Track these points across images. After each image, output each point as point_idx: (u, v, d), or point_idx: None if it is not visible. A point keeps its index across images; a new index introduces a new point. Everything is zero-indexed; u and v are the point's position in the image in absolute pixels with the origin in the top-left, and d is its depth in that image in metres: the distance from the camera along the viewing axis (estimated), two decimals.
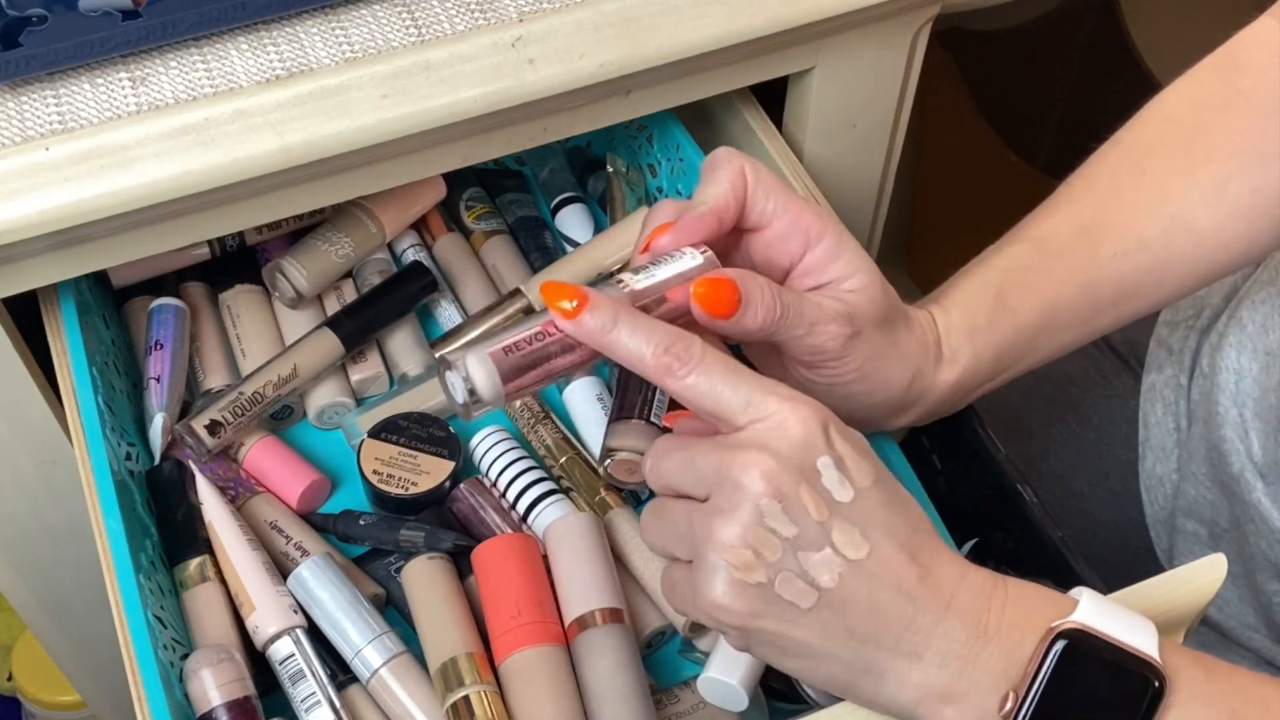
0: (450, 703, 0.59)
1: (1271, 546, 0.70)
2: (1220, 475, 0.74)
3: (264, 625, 0.63)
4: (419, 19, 0.66)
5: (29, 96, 0.62)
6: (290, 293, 0.78)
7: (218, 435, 0.70)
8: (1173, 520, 0.80)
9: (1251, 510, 0.71)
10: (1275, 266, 0.74)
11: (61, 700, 1.17)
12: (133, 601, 0.58)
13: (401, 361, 0.78)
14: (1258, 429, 0.70)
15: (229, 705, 0.58)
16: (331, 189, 0.68)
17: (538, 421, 0.74)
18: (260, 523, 0.69)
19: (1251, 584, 0.73)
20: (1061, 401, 0.86)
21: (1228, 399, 0.73)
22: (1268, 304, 0.73)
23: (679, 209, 0.57)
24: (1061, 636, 0.45)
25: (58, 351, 0.69)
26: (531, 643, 0.61)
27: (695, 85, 0.74)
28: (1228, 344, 0.74)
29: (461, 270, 0.84)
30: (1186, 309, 0.79)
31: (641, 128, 0.86)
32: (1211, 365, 0.76)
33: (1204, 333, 0.78)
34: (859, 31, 0.76)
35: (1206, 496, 0.76)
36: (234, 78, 0.63)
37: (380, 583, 0.68)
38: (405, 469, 0.70)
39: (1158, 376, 0.81)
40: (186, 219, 0.66)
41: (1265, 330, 0.72)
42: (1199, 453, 0.76)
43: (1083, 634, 0.45)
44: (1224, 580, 0.51)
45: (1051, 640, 0.45)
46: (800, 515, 0.46)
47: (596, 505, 0.69)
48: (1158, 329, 0.81)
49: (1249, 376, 0.72)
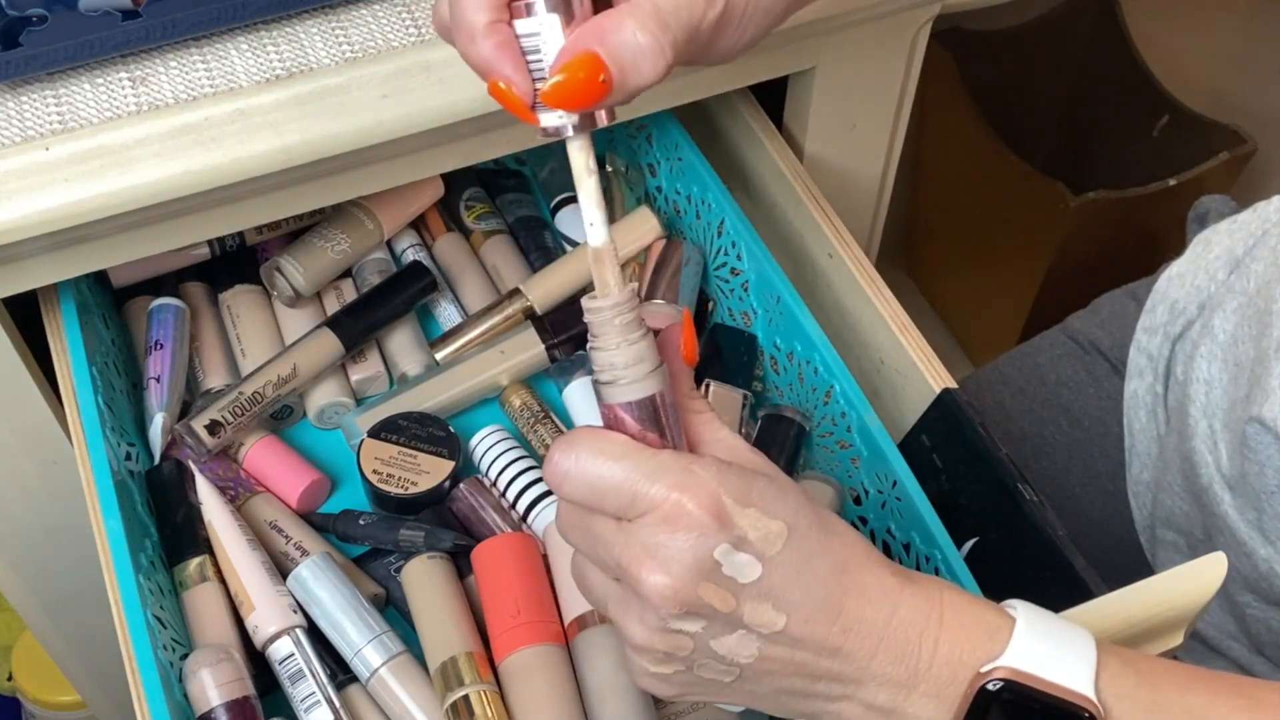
0: (450, 702, 0.59)
1: (1240, 558, 0.70)
2: (1192, 486, 0.74)
3: (264, 625, 0.63)
4: (419, 19, 0.66)
5: (29, 96, 0.62)
6: (288, 291, 0.78)
7: (218, 435, 0.70)
8: (1154, 528, 0.80)
9: (1220, 522, 0.70)
10: (1248, 275, 0.73)
11: (61, 700, 1.17)
12: (132, 601, 0.58)
13: (401, 361, 0.78)
14: (1226, 441, 0.70)
15: (229, 705, 0.58)
16: (331, 189, 0.68)
17: (537, 421, 0.74)
18: (260, 523, 0.69)
19: (1225, 594, 0.73)
20: (1053, 404, 0.86)
21: (1198, 410, 0.72)
22: (1238, 314, 0.72)
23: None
24: (990, 684, 0.44)
25: (58, 351, 0.69)
26: (531, 642, 0.61)
27: (695, 85, 0.74)
28: (1200, 353, 0.74)
29: (461, 270, 0.84)
30: (1163, 315, 0.79)
31: (641, 127, 0.86)
32: (1185, 374, 0.75)
33: (1178, 340, 0.78)
34: (859, 31, 0.76)
35: (1181, 507, 0.76)
36: (234, 78, 0.63)
37: (380, 583, 0.68)
38: (405, 469, 0.70)
39: (1139, 383, 0.81)
40: (186, 219, 0.66)
41: (1235, 341, 0.71)
42: (1174, 463, 0.76)
43: (1011, 681, 0.44)
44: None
45: (979, 692, 0.44)
46: (706, 612, 0.44)
47: None
48: (1137, 334, 0.81)
49: (1219, 387, 0.72)
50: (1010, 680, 0.44)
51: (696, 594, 0.44)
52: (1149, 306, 0.81)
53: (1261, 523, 0.68)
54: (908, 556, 0.65)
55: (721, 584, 0.44)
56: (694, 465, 0.44)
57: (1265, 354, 0.67)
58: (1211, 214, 0.87)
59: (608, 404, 0.47)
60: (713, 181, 0.78)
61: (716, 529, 0.44)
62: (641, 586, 0.44)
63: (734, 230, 0.76)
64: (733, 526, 0.44)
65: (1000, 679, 0.44)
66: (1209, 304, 0.76)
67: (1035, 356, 0.89)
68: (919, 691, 0.45)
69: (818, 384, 0.72)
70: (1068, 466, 0.85)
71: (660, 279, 0.77)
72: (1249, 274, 0.73)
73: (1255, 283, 0.72)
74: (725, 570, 0.44)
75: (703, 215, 0.80)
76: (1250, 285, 0.72)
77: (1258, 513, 0.67)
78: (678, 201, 0.84)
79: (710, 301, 0.81)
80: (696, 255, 0.79)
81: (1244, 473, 0.67)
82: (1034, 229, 1.38)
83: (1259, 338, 0.68)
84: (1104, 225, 1.36)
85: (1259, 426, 0.65)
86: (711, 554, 0.44)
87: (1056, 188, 1.32)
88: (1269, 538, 0.68)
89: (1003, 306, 1.49)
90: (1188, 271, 0.79)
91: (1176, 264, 0.81)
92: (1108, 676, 0.44)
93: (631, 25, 0.44)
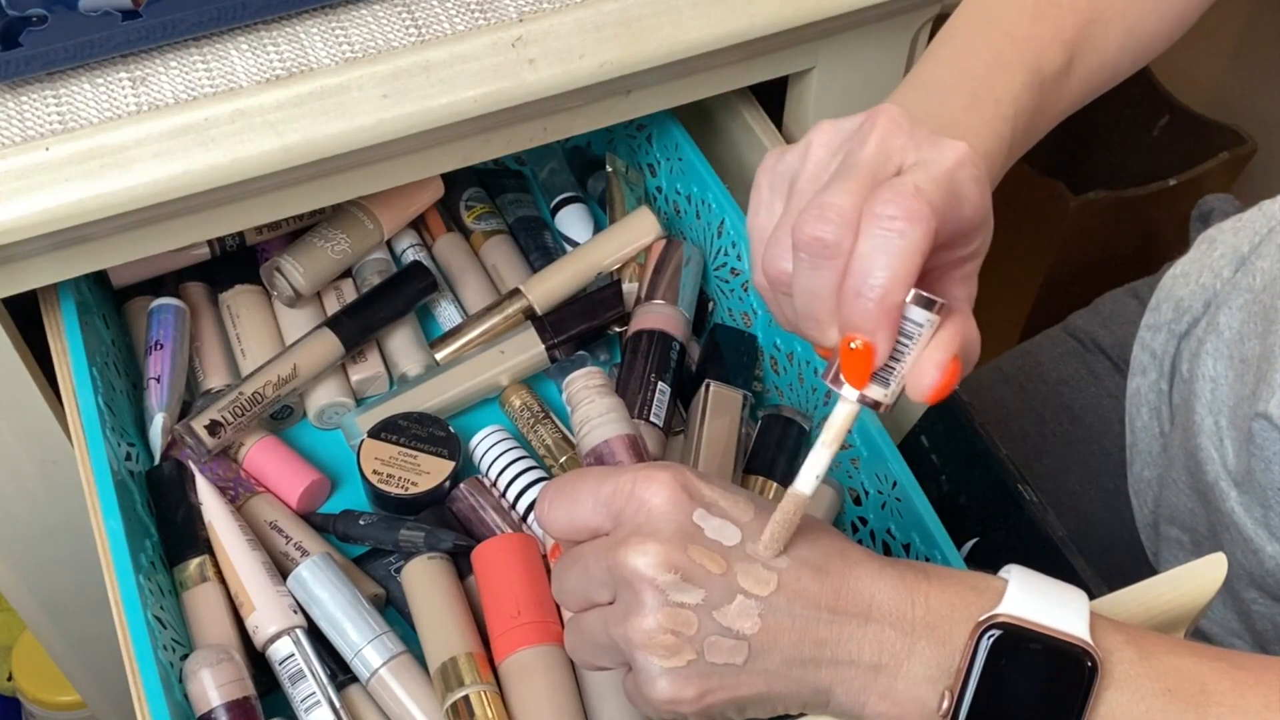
0: (450, 702, 0.59)
1: (1246, 555, 0.70)
2: (1197, 483, 0.74)
3: (264, 625, 0.63)
4: (419, 19, 0.66)
5: (29, 96, 0.62)
6: (288, 291, 0.78)
7: (218, 435, 0.70)
8: (1157, 526, 0.80)
9: (1226, 519, 0.71)
10: (1253, 272, 0.73)
11: (61, 700, 1.17)
12: (133, 602, 0.58)
13: (401, 361, 0.78)
14: (1232, 437, 0.70)
15: (229, 705, 0.58)
16: (331, 189, 0.68)
17: (537, 421, 0.74)
18: (260, 523, 0.69)
19: (1230, 590, 0.73)
20: (1054, 402, 0.86)
21: (1204, 407, 0.73)
22: (1244, 310, 0.72)
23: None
24: (990, 630, 0.45)
25: (58, 351, 0.69)
26: (531, 642, 0.61)
27: (695, 85, 0.74)
28: (1205, 350, 0.74)
29: (461, 270, 0.84)
30: (1168, 312, 0.79)
31: (641, 127, 0.86)
32: (1190, 371, 0.75)
33: (1184, 337, 0.78)
34: (859, 31, 0.76)
35: (1186, 504, 0.76)
36: (234, 78, 0.63)
37: (380, 583, 0.68)
38: (405, 469, 0.70)
39: (1142, 380, 0.81)
40: (186, 219, 0.66)
41: (1241, 338, 0.71)
42: (1179, 460, 0.76)
43: (1011, 625, 0.45)
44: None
45: (979, 636, 0.45)
46: (701, 576, 0.46)
47: None
48: (1140, 332, 0.81)
49: (1224, 384, 0.72)
50: (1010, 625, 0.45)
51: (687, 556, 0.46)
52: (1153, 304, 0.81)
53: (1268, 519, 0.68)
54: (907, 557, 0.65)
55: (709, 546, 0.46)
56: (651, 463, 0.49)
57: (1271, 350, 0.67)
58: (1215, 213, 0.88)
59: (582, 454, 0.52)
60: (713, 181, 0.78)
61: (687, 496, 0.47)
62: (634, 564, 0.46)
63: (734, 230, 0.76)
64: (700, 495, 0.47)
65: (1000, 625, 0.45)
66: (1214, 301, 0.76)
67: (1036, 355, 0.89)
68: (919, 648, 0.46)
69: (818, 384, 0.72)
70: (1068, 465, 0.85)
71: (660, 279, 0.77)
72: (1255, 271, 0.73)
73: (1261, 280, 0.72)
74: (708, 534, 0.47)
75: (703, 215, 0.80)
76: (1256, 282, 0.72)
77: (1264, 509, 0.68)
78: (678, 201, 0.84)
79: (710, 301, 0.81)
80: (696, 255, 0.79)
81: (1250, 469, 0.68)
82: (1034, 229, 1.38)
83: (1265, 334, 0.69)
84: (1104, 225, 1.36)
85: (1265, 423, 0.65)
86: (690, 517, 0.47)
87: (1056, 187, 1.32)
88: (1275, 534, 0.68)
89: (1002, 306, 1.49)
90: (1192, 269, 0.79)
91: (1181, 262, 0.81)
92: (1102, 629, 0.46)
93: (973, 324, 0.48)
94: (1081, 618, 0.46)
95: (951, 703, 0.45)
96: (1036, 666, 0.45)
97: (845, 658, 0.46)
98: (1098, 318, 0.88)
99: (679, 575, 0.45)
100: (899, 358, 0.46)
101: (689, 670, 0.46)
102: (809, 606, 0.46)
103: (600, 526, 0.48)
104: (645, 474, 0.48)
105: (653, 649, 0.46)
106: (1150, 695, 0.45)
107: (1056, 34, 0.59)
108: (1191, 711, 0.45)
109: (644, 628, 0.46)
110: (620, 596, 0.47)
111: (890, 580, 0.47)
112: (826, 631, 0.46)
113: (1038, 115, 0.58)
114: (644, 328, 0.75)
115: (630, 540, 0.46)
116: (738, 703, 0.47)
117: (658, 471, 0.48)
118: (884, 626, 0.46)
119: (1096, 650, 0.45)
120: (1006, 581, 0.47)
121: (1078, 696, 0.45)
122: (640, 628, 0.46)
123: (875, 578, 0.47)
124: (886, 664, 0.46)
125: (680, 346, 0.75)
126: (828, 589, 0.46)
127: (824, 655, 0.46)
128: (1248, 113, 1.42)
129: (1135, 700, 0.45)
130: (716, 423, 0.71)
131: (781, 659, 0.46)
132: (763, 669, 0.46)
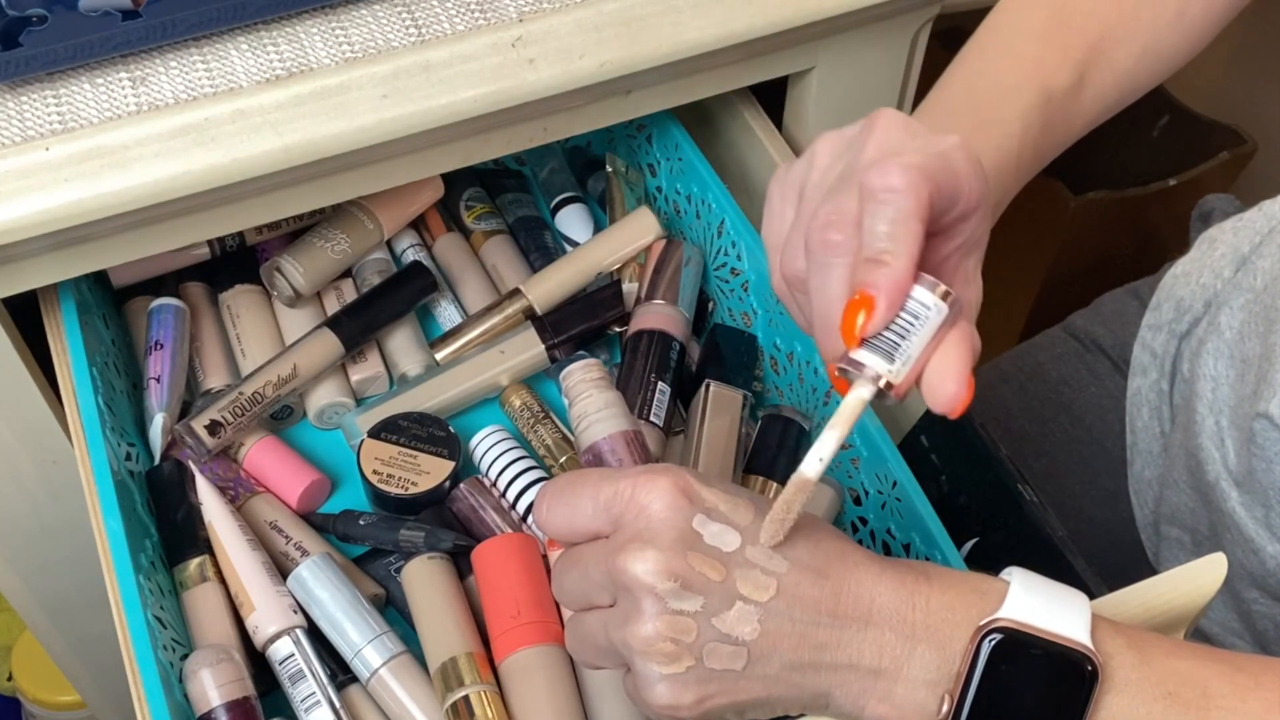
0: (450, 702, 0.59)
1: (1247, 555, 0.70)
2: (1198, 483, 0.74)
3: (264, 625, 0.63)
4: (419, 19, 0.66)
5: (29, 96, 0.62)
6: (288, 291, 0.78)
7: (218, 435, 0.70)
8: (1158, 526, 0.80)
9: (1227, 519, 0.71)
10: (1254, 272, 0.73)
11: (61, 700, 1.17)
12: (133, 601, 0.58)
13: (401, 361, 0.78)
14: (1233, 437, 0.70)
15: (229, 705, 0.58)
16: (331, 189, 0.68)
17: (537, 421, 0.74)
18: (260, 523, 0.69)
19: (1231, 590, 0.73)
20: (1054, 402, 0.86)
21: (1205, 406, 0.73)
22: (1245, 310, 0.72)
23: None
24: (991, 634, 0.45)
25: (58, 351, 0.69)
26: (531, 642, 0.61)
27: (695, 85, 0.74)
28: (1206, 350, 0.74)
29: (461, 270, 0.84)
30: (1169, 312, 0.79)
31: (641, 127, 0.86)
32: (1191, 371, 0.75)
33: (1184, 337, 0.78)
34: (859, 31, 0.76)
35: (1187, 504, 0.76)
36: (234, 78, 0.63)
37: (380, 583, 0.68)
38: (405, 469, 0.70)
39: (1143, 380, 0.81)
40: (186, 219, 0.66)
41: (1242, 337, 0.71)
42: (1179, 460, 0.76)
43: (1011, 629, 0.45)
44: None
45: (980, 640, 0.45)
46: (700, 583, 0.46)
47: None
48: (1141, 332, 0.81)
49: (1225, 384, 0.72)
50: (1011, 629, 0.45)
51: (687, 563, 0.46)
52: (1154, 304, 0.81)
53: (1269, 519, 0.68)
54: (907, 557, 0.65)
55: (708, 553, 0.46)
56: (652, 466, 0.48)
57: (1272, 350, 0.67)
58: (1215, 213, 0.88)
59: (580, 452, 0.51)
60: (713, 181, 0.78)
61: (687, 500, 0.47)
62: (634, 571, 0.46)
63: (734, 230, 0.76)
64: (701, 499, 0.47)
65: (1000, 629, 0.45)
66: (1215, 301, 0.76)
67: (1036, 354, 0.89)
68: (919, 652, 0.46)
69: (818, 384, 0.72)
70: (1068, 465, 0.85)
71: (660, 279, 0.77)
72: (1256, 271, 0.73)
73: (1262, 279, 0.72)
74: (707, 540, 0.46)
75: (703, 215, 0.80)
76: (1257, 282, 0.72)
77: (1265, 509, 0.68)
78: (678, 201, 0.84)
79: (710, 301, 0.81)
80: (696, 255, 0.79)
81: (1251, 469, 0.68)
82: (1034, 229, 1.38)
83: (1266, 334, 0.69)
84: (1104, 225, 1.36)
85: (1266, 422, 0.65)
86: (690, 524, 0.46)
87: (1056, 187, 1.32)
88: (1276, 534, 0.68)
89: (1003, 306, 1.49)
90: (1193, 269, 0.79)
91: (1181, 262, 0.81)
92: (1103, 632, 0.46)
93: (976, 334, 0.50)
94: (1083, 621, 0.46)
95: (951, 706, 0.45)
96: (1037, 671, 0.45)
97: (845, 661, 0.46)
98: (1098, 318, 0.88)
99: (678, 583, 0.45)
100: (905, 335, 0.46)
101: (688, 676, 0.46)
102: (808, 611, 0.46)
103: (600, 530, 0.48)
104: (645, 478, 0.47)
105: (652, 655, 0.46)
106: (1151, 699, 0.45)
107: (1066, 54, 0.60)
108: (1192, 715, 0.45)
109: (643, 635, 0.46)
110: (620, 602, 0.47)
111: (890, 583, 0.47)
112: (826, 635, 0.46)
113: (1048, 133, 0.59)
114: (644, 328, 0.75)
115: (630, 546, 0.46)
116: (737, 707, 0.47)
117: (657, 476, 0.47)
118: (884, 630, 0.46)
119: (1097, 655, 0.45)
120: (1008, 584, 0.47)
121: (1078, 701, 0.45)
122: (639, 634, 0.46)
123: (875, 580, 0.47)
124: (886, 668, 0.46)
125: (680, 346, 0.75)
126: (827, 593, 0.46)
127: (823, 659, 0.46)
128: (1248, 113, 1.42)
129: (1136, 705, 0.45)
130: (716, 423, 0.71)
131: (781, 663, 0.46)
132: (762, 674, 0.46)
